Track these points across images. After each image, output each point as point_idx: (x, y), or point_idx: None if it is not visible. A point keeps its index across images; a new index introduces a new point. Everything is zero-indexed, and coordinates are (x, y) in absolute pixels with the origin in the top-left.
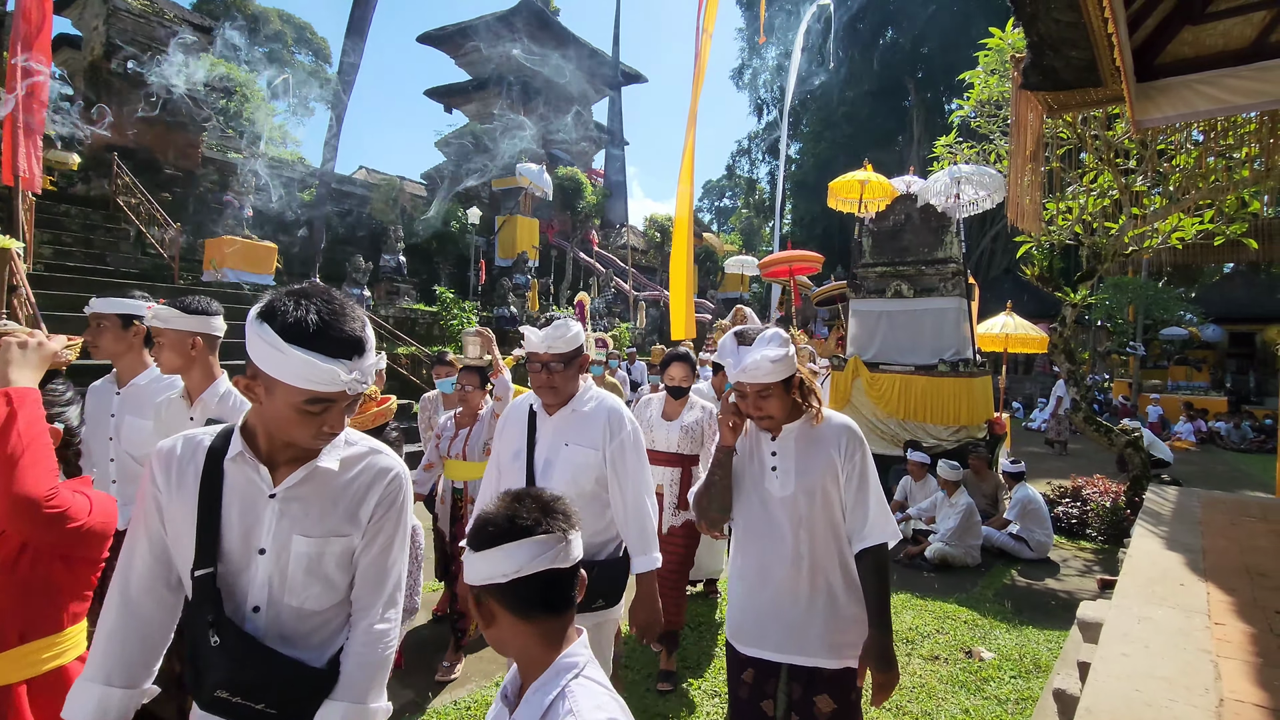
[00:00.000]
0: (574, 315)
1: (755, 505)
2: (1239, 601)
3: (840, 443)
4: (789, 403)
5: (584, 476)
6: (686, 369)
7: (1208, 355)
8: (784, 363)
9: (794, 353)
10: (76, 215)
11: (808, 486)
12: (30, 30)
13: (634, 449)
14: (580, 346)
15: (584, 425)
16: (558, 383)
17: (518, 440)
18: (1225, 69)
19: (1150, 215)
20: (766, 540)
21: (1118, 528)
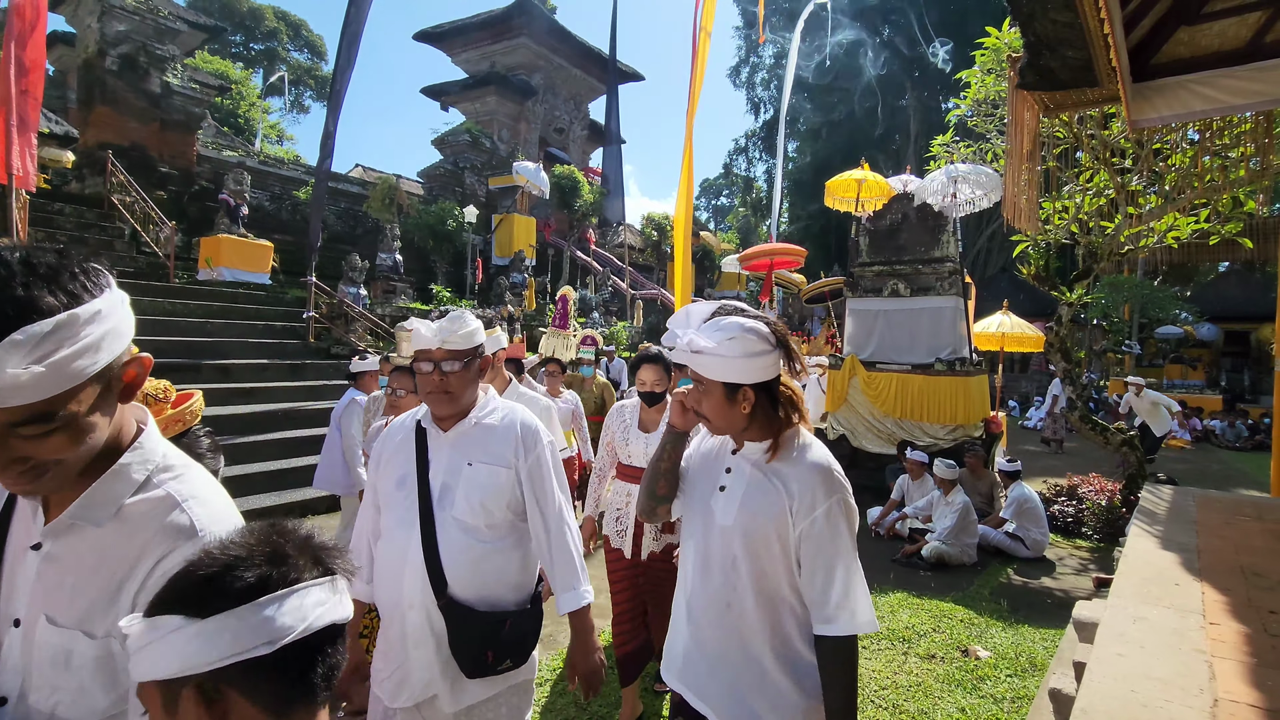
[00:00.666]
0: (556, 309)
1: (698, 521)
2: (1234, 601)
3: (798, 487)
4: (734, 415)
5: (495, 502)
6: (659, 371)
7: (1203, 354)
8: (717, 360)
9: (754, 354)
10: (71, 214)
11: (748, 527)
12: (24, 27)
13: (552, 467)
14: (480, 346)
15: (490, 440)
16: (453, 387)
17: (403, 464)
18: (1221, 69)
19: (1146, 214)
20: (699, 569)
21: (1113, 526)
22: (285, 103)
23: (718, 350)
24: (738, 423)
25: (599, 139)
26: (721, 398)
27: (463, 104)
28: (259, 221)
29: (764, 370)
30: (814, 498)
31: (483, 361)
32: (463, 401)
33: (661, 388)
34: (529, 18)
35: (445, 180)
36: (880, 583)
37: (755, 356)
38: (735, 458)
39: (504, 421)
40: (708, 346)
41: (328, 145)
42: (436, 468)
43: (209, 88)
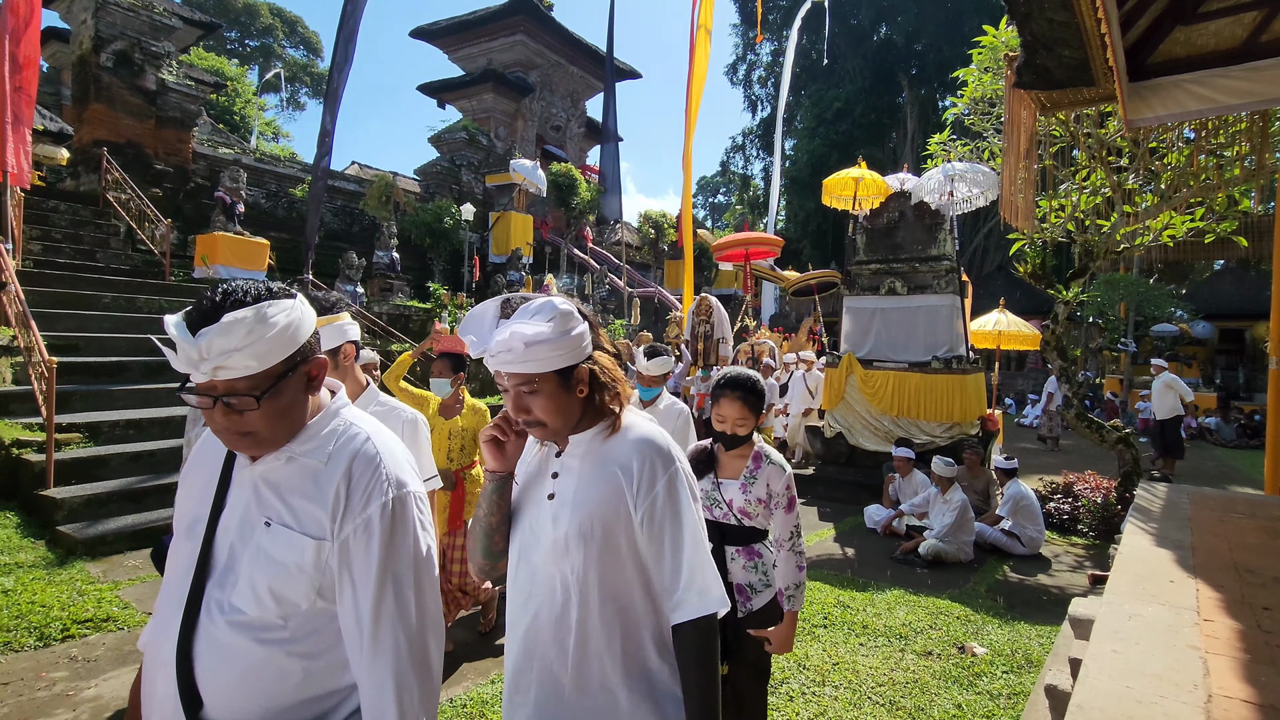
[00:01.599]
0: None
1: (529, 544)
2: (1227, 598)
3: (635, 465)
4: (571, 404)
5: (292, 588)
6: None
7: (1198, 352)
8: (551, 346)
9: (578, 331)
10: (65, 211)
11: (583, 525)
12: (18, 24)
13: (393, 538)
14: (304, 348)
15: (304, 487)
16: (254, 425)
17: (200, 501)
18: (1216, 69)
19: (1142, 213)
20: (535, 600)
21: (1109, 524)
22: (281, 100)
23: (551, 334)
24: (574, 412)
25: (596, 137)
26: (557, 389)
27: (460, 101)
28: (255, 219)
29: (586, 344)
30: (654, 472)
31: (313, 366)
32: (279, 436)
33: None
34: (526, 15)
35: (442, 178)
36: (877, 580)
37: (579, 331)
38: (562, 459)
39: (332, 458)
40: (543, 332)
41: (325, 143)
42: (229, 520)
43: (204, 85)
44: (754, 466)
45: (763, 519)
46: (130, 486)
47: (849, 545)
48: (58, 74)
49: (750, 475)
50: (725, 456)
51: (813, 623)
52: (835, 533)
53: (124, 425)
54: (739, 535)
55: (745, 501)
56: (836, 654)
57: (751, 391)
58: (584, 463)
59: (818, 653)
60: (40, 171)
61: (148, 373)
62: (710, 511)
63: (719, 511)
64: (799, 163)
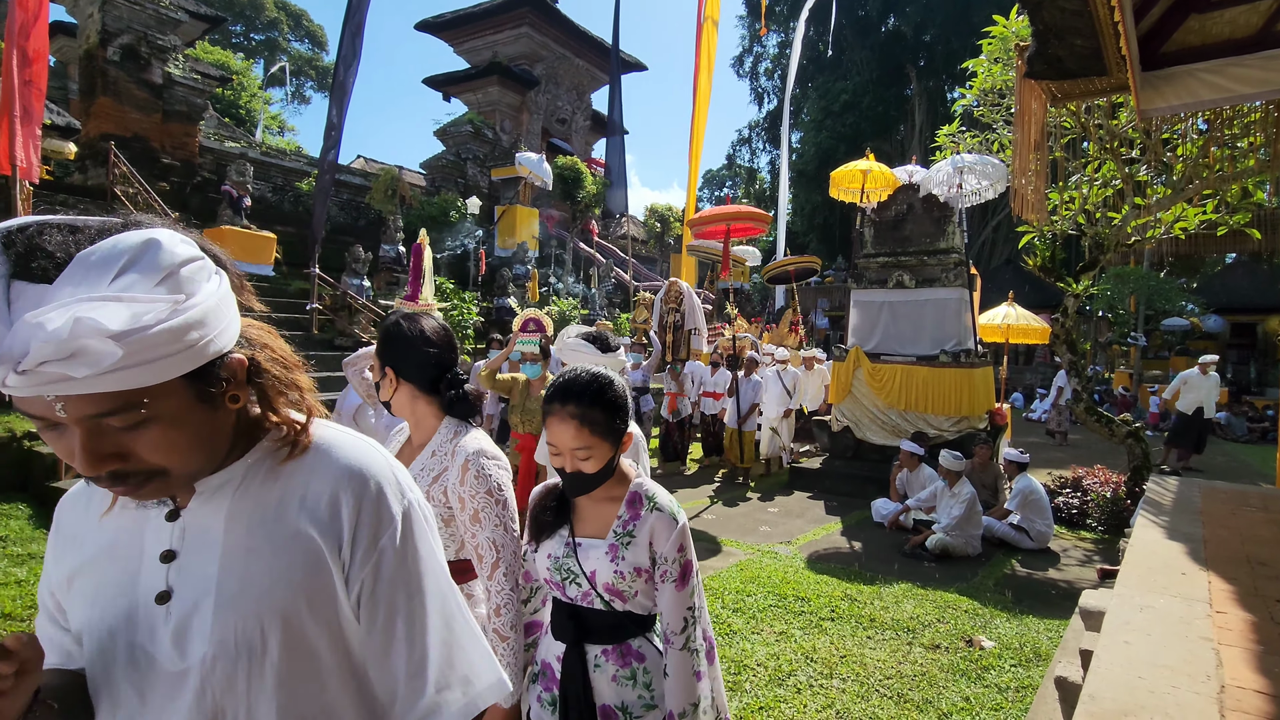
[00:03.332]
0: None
1: (122, 694)
2: (1240, 590)
3: (345, 512)
4: (213, 428)
5: None
6: None
7: (1209, 346)
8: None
9: (209, 291)
10: (74, 205)
11: (242, 634)
12: (27, 18)
13: None
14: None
15: None
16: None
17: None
18: (1231, 57)
19: (1153, 205)
20: None
21: (1118, 518)
22: (286, 94)
23: (163, 314)
24: (220, 440)
25: (602, 130)
26: (186, 406)
27: (465, 95)
28: (261, 213)
29: (228, 313)
30: (376, 518)
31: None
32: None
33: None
34: (532, 7)
35: (447, 171)
36: (884, 573)
37: (211, 292)
38: (183, 520)
39: None
40: (144, 314)
41: (332, 137)
42: None
43: (210, 78)
44: (629, 516)
45: (645, 598)
46: None
47: (856, 539)
48: (64, 68)
49: (623, 531)
50: (584, 503)
51: (820, 616)
52: (842, 526)
53: None
54: (607, 627)
55: (614, 574)
56: (844, 647)
57: (596, 403)
58: (233, 522)
59: (825, 645)
60: (48, 166)
61: None
62: (563, 589)
63: (576, 589)
64: (806, 155)
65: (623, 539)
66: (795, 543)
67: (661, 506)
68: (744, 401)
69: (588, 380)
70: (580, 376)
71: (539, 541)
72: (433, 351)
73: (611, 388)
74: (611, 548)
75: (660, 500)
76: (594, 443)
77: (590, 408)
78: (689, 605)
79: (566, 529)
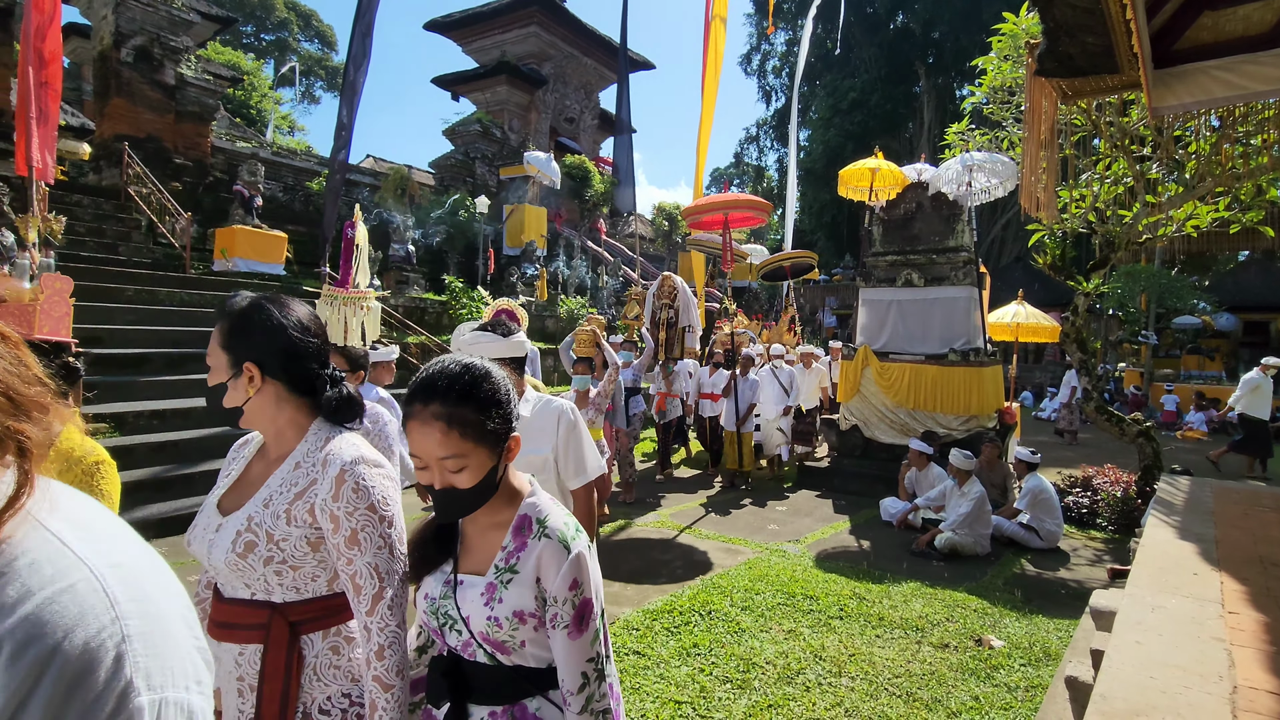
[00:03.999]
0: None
1: None
2: (1252, 591)
3: None
4: None
5: None
6: None
7: (1221, 344)
8: None
9: None
10: (89, 205)
11: None
12: (43, 20)
13: None
14: None
15: None
16: None
17: None
18: (1244, 55)
19: (1165, 203)
20: None
21: (1128, 518)
22: (296, 93)
23: None
24: None
25: (609, 128)
26: None
27: (474, 94)
28: (272, 213)
29: None
30: None
31: None
32: None
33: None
34: (540, 6)
35: (456, 170)
36: (893, 572)
37: None
38: None
39: None
40: None
41: (343, 137)
42: None
43: (222, 79)
44: (514, 546)
45: (538, 648)
46: (157, 476)
47: (864, 538)
48: (78, 69)
49: (505, 565)
50: (471, 530)
51: (829, 614)
52: (851, 525)
53: (148, 416)
54: (494, 684)
55: (488, 620)
56: (853, 645)
57: (467, 399)
58: None
59: (834, 644)
60: (63, 166)
61: (169, 364)
62: (443, 636)
63: (456, 638)
64: (814, 154)
65: (503, 576)
66: (803, 541)
67: (552, 532)
68: (741, 402)
69: (457, 372)
70: (447, 368)
71: (419, 578)
72: (312, 342)
73: (488, 379)
74: (489, 588)
75: (552, 524)
76: (466, 449)
77: (459, 405)
78: (589, 657)
79: (450, 563)
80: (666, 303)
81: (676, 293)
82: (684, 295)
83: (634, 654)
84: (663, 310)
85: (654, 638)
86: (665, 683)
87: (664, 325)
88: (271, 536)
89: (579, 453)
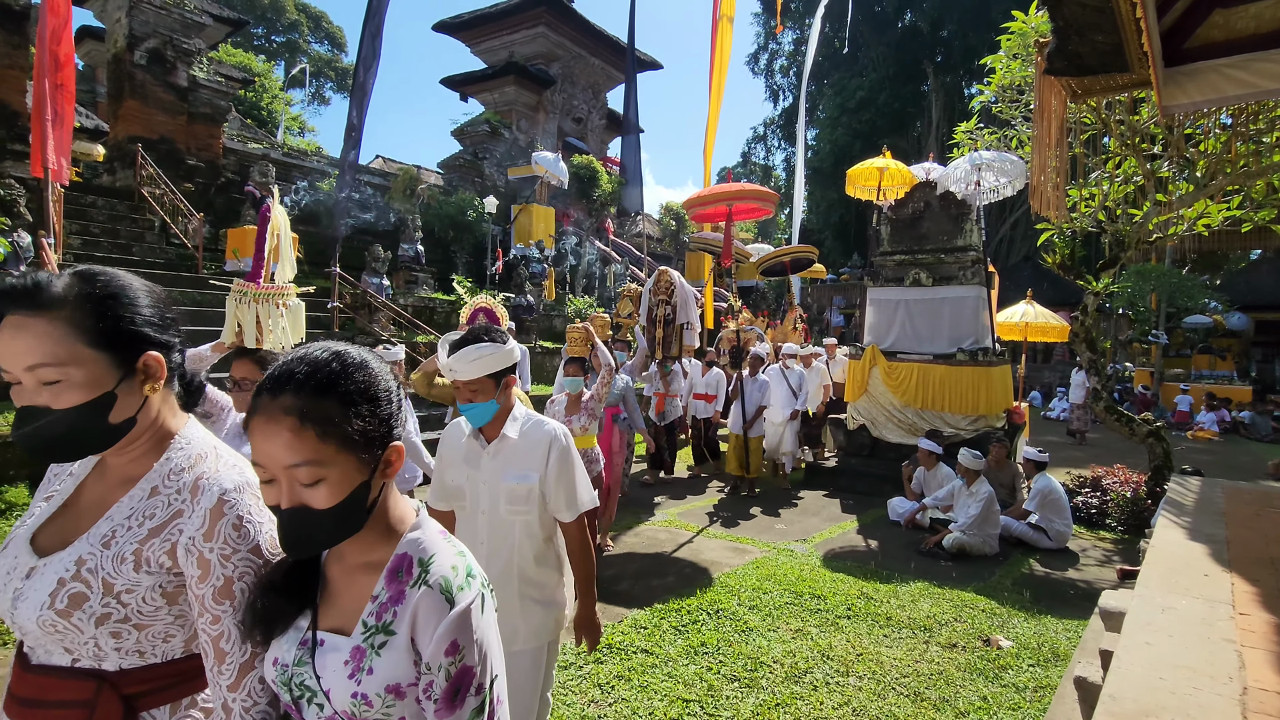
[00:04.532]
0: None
1: None
2: (1263, 592)
3: None
4: None
5: None
6: None
7: (1232, 344)
8: None
9: None
10: (103, 206)
11: None
12: (58, 23)
13: None
14: None
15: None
16: None
17: None
18: (1256, 53)
19: (1176, 201)
20: None
21: (1138, 518)
22: (306, 95)
23: None
24: None
25: (617, 128)
26: None
27: (482, 94)
28: None
29: None
30: None
31: None
32: None
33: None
34: (547, 6)
35: (465, 170)
36: (901, 572)
37: None
38: None
39: None
40: None
41: (353, 138)
42: None
43: (233, 80)
44: (389, 596)
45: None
46: None
47: (872, 537)
48: (92, 71)
49: (376, 623)
50: (335, 571)
51: (837, 613)
52: (858, 525)
53: None
54: None
55: (353, 699)
56: (860, 645)
57: (328, 391)
58: None
59: (841, 643)
60: (77, 168)
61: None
62: (300, 712)
63: (318, 714)
64: (821, 153)
65: (373, 637)
66: (811, 541)
67: (434, 578)
68: (749, 403)
69: (322, 358)
70: (310, 353)
71: (266, 636)
72: (159, 321)
73: (362, 369)
74: (355, 653)
75: (437, 568)
76: (324, 455)
77: (319, 397)
78: None
79: (308, 616)
80: (663, 298)
81: (674, 288)
82: (681, 291)
83: (642, 652)
84: (659, 306)
85: (662, 636)
86: (673, 681)
87: (660, 322)
88: (110, 587)
89: (570, 483)
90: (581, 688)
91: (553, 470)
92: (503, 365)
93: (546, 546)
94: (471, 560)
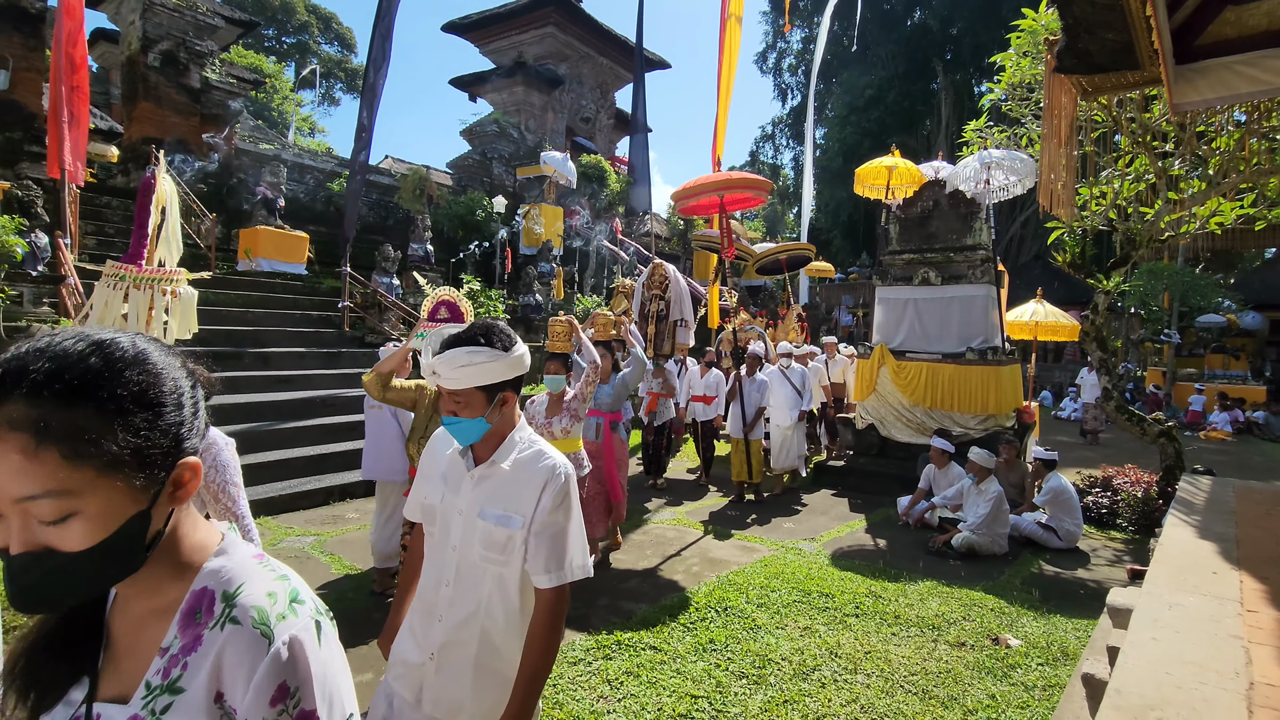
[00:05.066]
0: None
1: None
2: (1272, 590)
3: None
4: None
5: None
6: None
7: (1246, 343)
8: None
9: None
10: (118, 206)
11: None
12: (74, 26)
13: None
14: None
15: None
16: None
17: None
18: (1268, 50)
19: (1188, 199)
20: None
21: (1149, 518)
22: (316, 96)
23: None
24: None
25: (625, 128)
26: None
27: (491, 94)
28: (294, 213)
29: None
30: None
31: None
32: None
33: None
34: (556, 6)
35: (474, 171)
36: (910, 571)
37: None
38: None
39: None
40: None
41: (363, 138)
42: None
43: (245, 82)
44: (183, 645)
45: None
46: None
47: (881, 536)
48: (106, 74)
49: (163, 684)
50: (118, 621)
51: (845, 612)
52: (867, 524)
53: None
54: None
55: None
56: (868, 643)
57: (79, 398)
58: None
59: (849, 641)
60: (92, 169)
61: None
62: None
63: None
64: (830, 151)
65: (154, 700)
66: (819, 539)
67: (243, 611)
68: (749, 405)
69: (74, 351)
70: (55, 343)
71: (31, 712)
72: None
73: (138, 366)
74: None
75: (246, 597)
76: (75, 483)
77: (64, 405)
78: None
79: (84, 685)
80: (657, 294)
81: (668, 283)
82: (676, 286)
83: (651, 649)
84: (653, 302)
85: (670, 633)
86: (681, 678)
87: (653, 319)
88: None
89: (560, 537)
90: (591, 683)
91: (541, 516)
92: (500, 377)
93: (522, 613)
94: (298, 584)
